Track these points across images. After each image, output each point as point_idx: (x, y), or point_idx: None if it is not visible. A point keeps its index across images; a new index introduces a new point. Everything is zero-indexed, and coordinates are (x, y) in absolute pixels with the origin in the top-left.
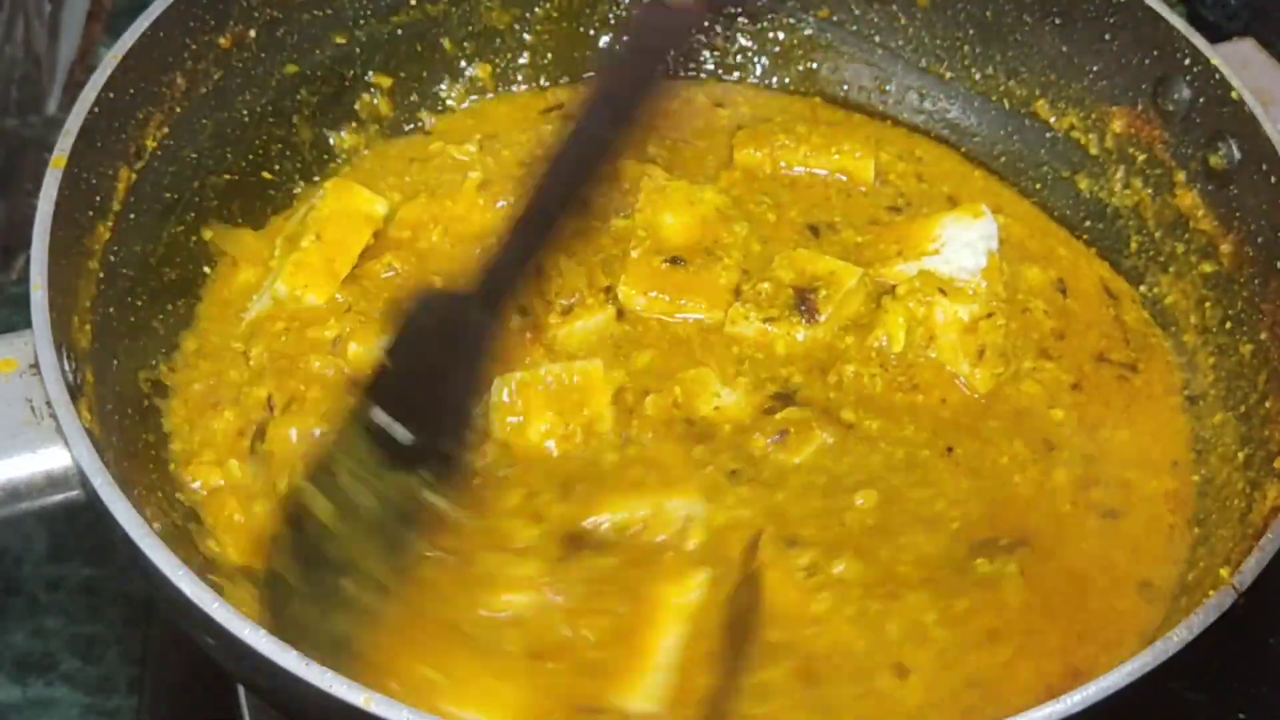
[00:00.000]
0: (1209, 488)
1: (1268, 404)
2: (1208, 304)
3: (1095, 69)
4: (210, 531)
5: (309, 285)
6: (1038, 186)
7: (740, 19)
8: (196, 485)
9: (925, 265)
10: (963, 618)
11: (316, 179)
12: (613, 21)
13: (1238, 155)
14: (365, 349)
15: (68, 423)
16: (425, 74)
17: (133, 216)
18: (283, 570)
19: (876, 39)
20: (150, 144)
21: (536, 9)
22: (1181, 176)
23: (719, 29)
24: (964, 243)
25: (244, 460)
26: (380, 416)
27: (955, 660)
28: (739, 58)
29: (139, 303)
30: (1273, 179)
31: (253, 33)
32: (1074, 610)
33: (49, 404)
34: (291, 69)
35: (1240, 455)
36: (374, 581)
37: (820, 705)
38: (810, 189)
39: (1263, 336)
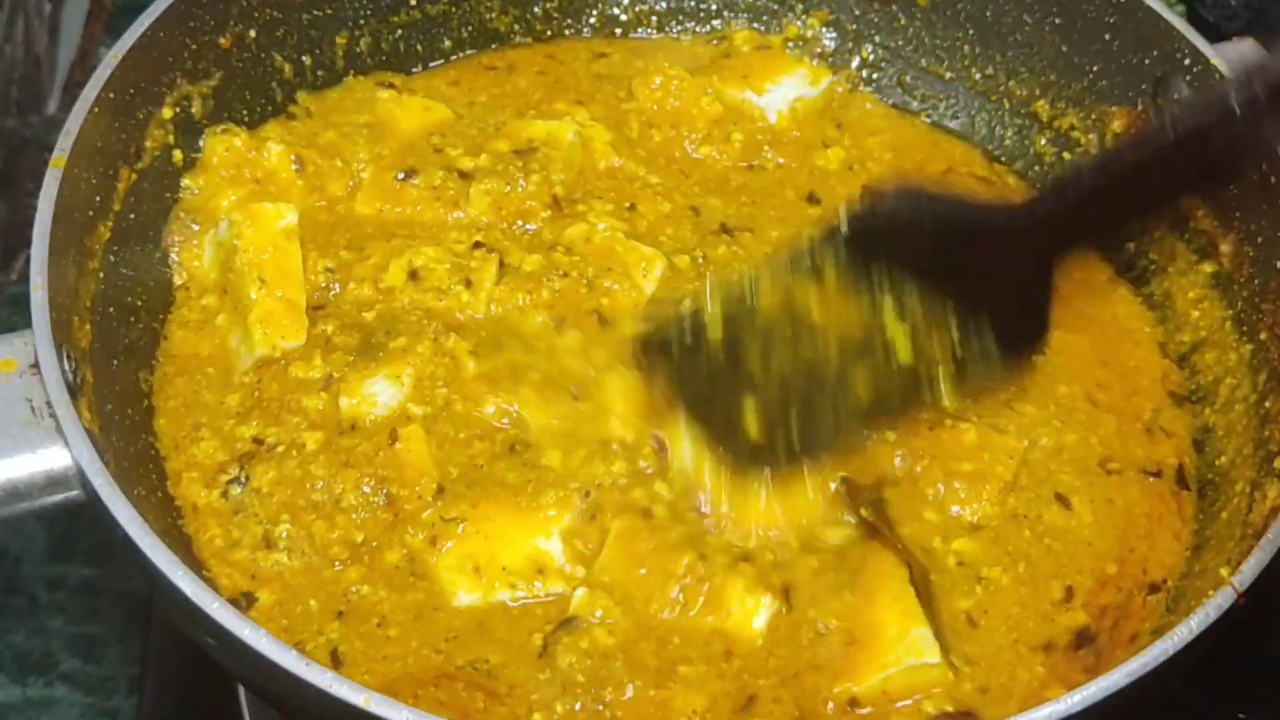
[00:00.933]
0: (1210, 487)
1: (1268, 404)
2: (1207, 304)
3: (1095, 69)
4: (196, 545)
5: (284, 334)
6: (1038, 186)
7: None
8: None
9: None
10: (1064, 402)
11: None
12: (613, 24)
13: None
14: (360, 401)
15: (68, 423)
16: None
17: (133, 216)
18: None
19: (876, 39)
20: (150, 144)
21: (536, 9)
22: None
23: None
24: (783, 99)
25: (223, 492)
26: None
27: (1083, 446)
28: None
29: (139, 303)
30: (1273, 179)
31: (253, 33)
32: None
33: (49, 404)
34: (290, 69)
35: (1240, 455)
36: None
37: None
38: None
39: (1263, 336)
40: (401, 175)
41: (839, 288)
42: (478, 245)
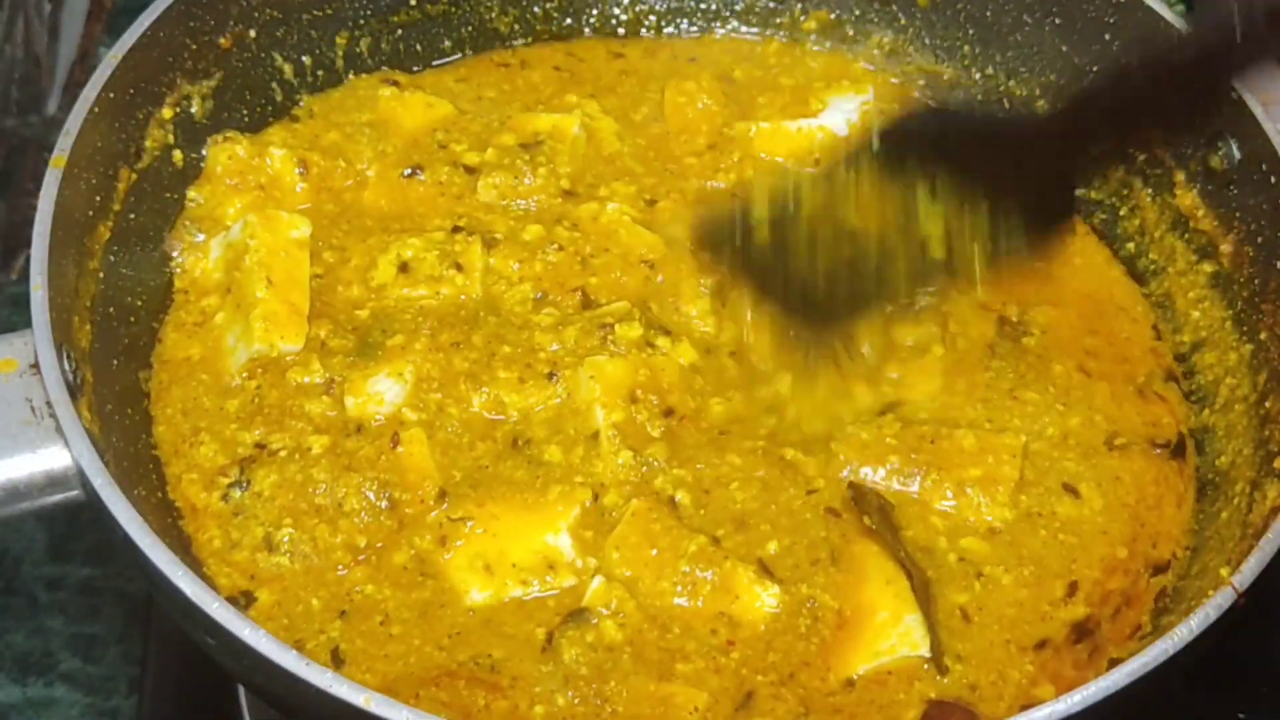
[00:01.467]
0: (1210, 487)
1: (1268, 404)
2: (1207, 304)
3: (1095, 69)
4: (195, 545)
5: (284, 335)
6: None
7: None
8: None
9: (801, 124)
10: (1060, 381)
11: None
12: (613, 23)
13: (1238, 155)
14: (366, 400)
15: (68, 423)
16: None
17: (133, 217)
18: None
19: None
20: (150, 144)
21: (536, 9)
22: (1181, 176)
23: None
24: (843, 112)
25: (223, 494)
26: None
27: (1088, 428)
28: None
29: (139, 303)
30: (1273, 179)
31: (253, 33)
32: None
33: (49, 404)
34: (290, 69)
35: (1240, 455)
36: None
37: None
38: None
39: (1263, 336)
40: (407, 172)
41: (875, 191)
42: (456, 229)
